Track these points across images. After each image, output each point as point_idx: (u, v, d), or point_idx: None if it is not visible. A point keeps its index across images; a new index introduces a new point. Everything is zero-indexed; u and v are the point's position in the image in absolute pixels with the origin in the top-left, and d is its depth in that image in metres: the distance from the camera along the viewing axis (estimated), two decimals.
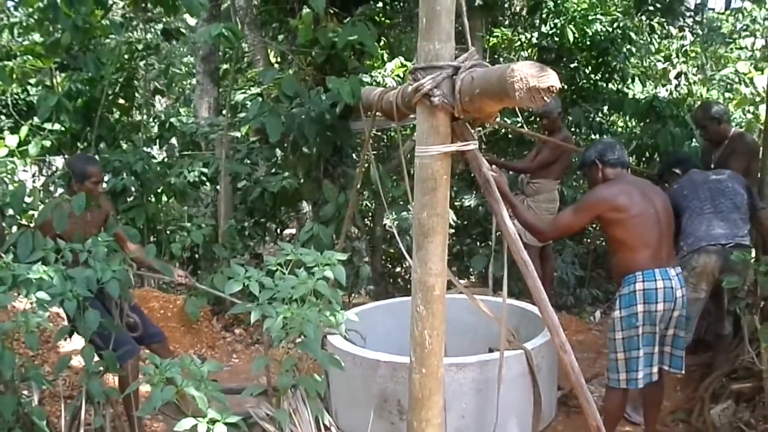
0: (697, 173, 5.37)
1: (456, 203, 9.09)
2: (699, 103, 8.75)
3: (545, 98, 2.45)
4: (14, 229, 7.77)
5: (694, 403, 5.01)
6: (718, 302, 5.33)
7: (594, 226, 7.81)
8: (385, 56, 10.12)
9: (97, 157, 7.90)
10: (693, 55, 11.45)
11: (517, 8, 10.97)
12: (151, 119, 9.73)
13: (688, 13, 10.63)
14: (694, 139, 8.01)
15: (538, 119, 8.21)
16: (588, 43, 9.39)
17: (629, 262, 4.18)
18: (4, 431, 3.39)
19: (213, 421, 2.96)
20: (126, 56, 8.75)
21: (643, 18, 10.22)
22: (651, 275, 4.11)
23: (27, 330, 3.30)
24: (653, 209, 4.17)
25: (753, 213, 5.17)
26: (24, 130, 9.21)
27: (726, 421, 4.61)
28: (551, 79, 2.44)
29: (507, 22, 10.84)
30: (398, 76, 8.39)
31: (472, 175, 3.72)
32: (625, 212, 4.11)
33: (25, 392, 3.75)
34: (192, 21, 12.74)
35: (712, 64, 12.63)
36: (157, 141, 9.35)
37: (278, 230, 9.04)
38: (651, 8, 9.85)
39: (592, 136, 9.27)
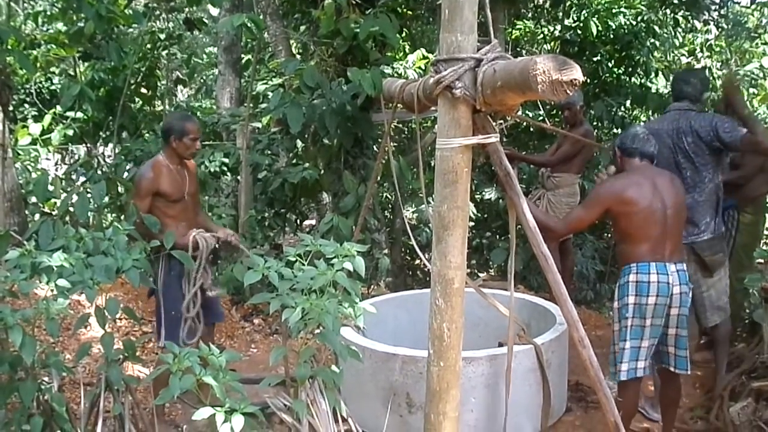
0: None
1: (476, 196, 9.08)
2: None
3: (568, 91, 2.44)
4: (37, 216, 7.87)
5: (713, 401, 4.97)
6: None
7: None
8: (407, 48, 10.10)
9: (119, 145, 7.98)
10: (717, 49, 11.37)
11: (540, 0, 10.91)
12: (173, 109, 9.77)
13: (713, 7, 10.52)
14: None
15: (559, 112, 8.17)
16: (611, 36, 9.34)
17: (628, 253, 4.17)
18: (25, 417, 3.42)
19: (231, 411, 2.97)
20: (148, 46, 8.80)
21: (668, 11, 10.14)
22: (645, 268, 4.07)
23: (48, 317, 3.32)
24: (661, 204, 4.08)
25: None
26: (47, 118, 9.32)
27: (745, 419, 4.57)
28: (574, 72, 2.43)
29: (530, 15, 10.79)
30: (420, 68, 8.38)
31: (493, 168, 3.70)
32: (631, 206, 4.06)
33: (46, 379, 3.76)
34: (214, 11, 12.77)
35: (737, 59, 12.54)
36: None
37: (298, 221, 9.05)
38: (675, 1, 9.77)
39: (615, 131, 9.22)
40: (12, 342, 3.22)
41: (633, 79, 9.71)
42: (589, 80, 9.20)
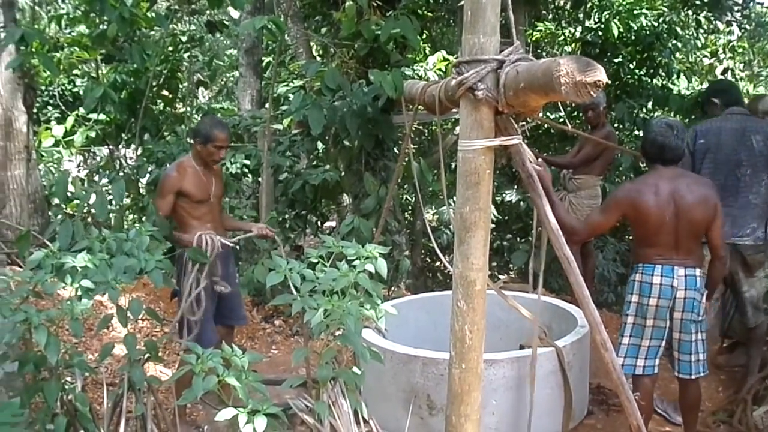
0: None
1: (497, 198, 9.06)
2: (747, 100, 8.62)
3: (591, 93, 2.43)
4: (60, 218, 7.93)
5: (736, 405, 4.93)
6: (735, 296, 5.29)
7: None
8: (428, 50, 10.10)
9: (141, 147, 8.02)
10: (740, 50, 11.28)
11: (561, 2, 10.86)
12: (194, 111, 9.81)
13: (735, 8, 10.43)
14: None
15: (580, 114, 8.13)
16: (633, 37, 9.28)
17: (638, 252, 4.21)
18: (49, 417, 3.44)
19: (254, 412, 2.98)
20: (170, 48, 8.84)
21: (690, 12, 10.08)
22: (650, 269, 4.09)
23: (72, 317, 3.34)
24: (675, 211, 4.01)
25: None
26: (70, 120, 9.38)
27: None
28: (598, 73, 2.42)
29: (550, 17, 10.75)
30: (440, 69, 8.36)
31: (514, 169, 3.70)
32: (643, 212, 4.04)
33: (69, 379, 3.78)
34: (236, 14, 12.83)
35: (760, 60, 12.45)
36: None
37: (319, 223, 9.07)
38: (698, 2, 9.70)
39: (636, 132, 9.18)
40: (36, 342, 3.25)
41: (655, 81, 9.63)
42: (610, 82, 9.14)
